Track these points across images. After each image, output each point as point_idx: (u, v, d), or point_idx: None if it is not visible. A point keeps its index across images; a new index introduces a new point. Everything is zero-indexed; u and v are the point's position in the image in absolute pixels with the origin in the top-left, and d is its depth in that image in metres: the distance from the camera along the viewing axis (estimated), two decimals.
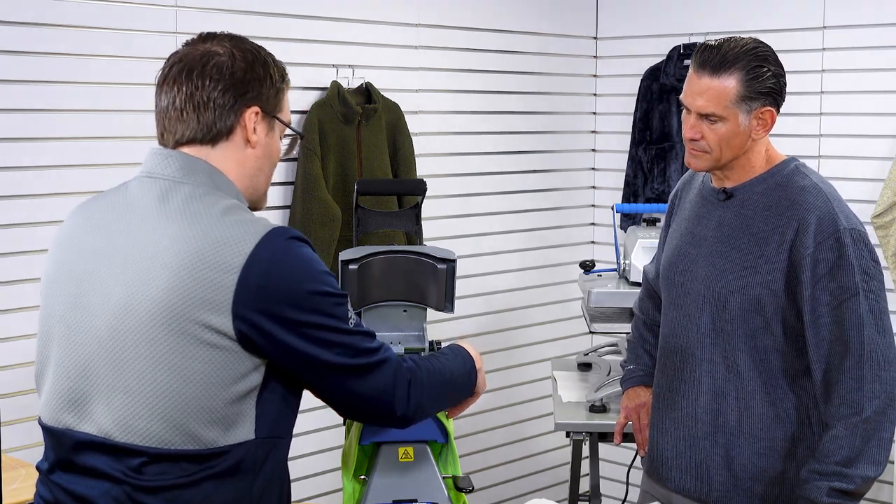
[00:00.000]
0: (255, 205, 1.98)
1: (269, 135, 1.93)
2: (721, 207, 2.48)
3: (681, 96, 2.44)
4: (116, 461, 1.80)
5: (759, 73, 2.35)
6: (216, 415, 1.78)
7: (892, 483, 3.99)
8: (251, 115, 1.89)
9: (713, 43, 2.40)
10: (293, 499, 4.03)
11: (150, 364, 1.76)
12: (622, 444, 2.94)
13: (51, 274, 1.91)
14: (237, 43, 1.92)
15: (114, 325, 1.78)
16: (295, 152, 3.85)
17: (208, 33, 1.94)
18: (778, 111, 2.41)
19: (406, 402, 1.93)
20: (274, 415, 1.85)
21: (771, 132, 2.47)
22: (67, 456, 1.85)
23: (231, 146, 1.89)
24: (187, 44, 1.93)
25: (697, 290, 2.47)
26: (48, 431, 1.89)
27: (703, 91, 2.37)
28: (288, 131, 1.99)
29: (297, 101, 3.87)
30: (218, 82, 1.87)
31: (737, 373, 2.42)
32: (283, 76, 1.96)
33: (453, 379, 2.09)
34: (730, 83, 2.35)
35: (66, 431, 1.84)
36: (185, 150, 1.88)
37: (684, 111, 2.44)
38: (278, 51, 4.04)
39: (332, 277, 1.86)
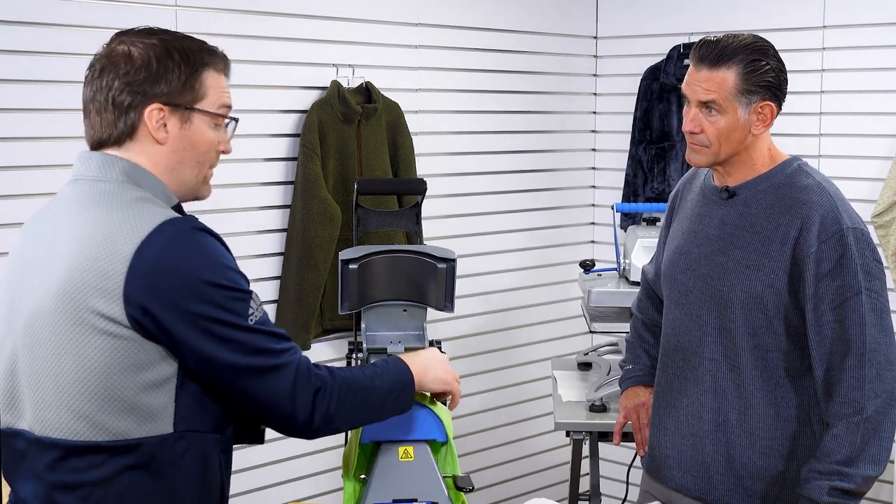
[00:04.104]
0: (194, 196, 1.94)
1: (184, 127, 1.87)
2: (724, 206, 2.47)
3: (682, 86, 2.45)
4: (38, 457, 1.81)
5: (757, 66, 2.36)
6: (126, 404, 1.76)
7: (892, 483, 3.99)
8: (152, 112, 1.85)
9: (712, 38, 2.41)
10: (293, 498, 4.04)
11: (55, 355, 1.77)
12: (622, 443, 2.94)
13: (1, 285, 1.95)
14: (142, 38, 1.88)
15: (30, 321, 1.81)
16: (296, 152, 3.85)
17: (123, 31, 1.91)
18: (779, 107, 2.41)
19: (309, 410, 1.86)
20: (194, 408, 1.82)
21: (772, 132, 2.47)
22: (11, 455, 1.87)
23: (139, 144, 1.87)
24: (104, 44, 1.91)
25: (700, 289, 2.47)
26: None
27: (702, 81, 2.38)
28: (222, 117, 1.92)
29: (298, 100, 3.87)
30: (114, 81, 1.84)
31: (738, 371, 2.42)
32: (198, 65, 1.88)
33: (378, 392, 2.00)
34: (729, 76, 2.36)
35: (7, 430, 1.87)
36: (105, 150, 1.88)
37: (685, 106, 2.44)
38: (278, 51, 4.06)
39: (238, 274, 1.82)
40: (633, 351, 2.85)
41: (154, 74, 1.84)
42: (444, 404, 2.44)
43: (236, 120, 1.96)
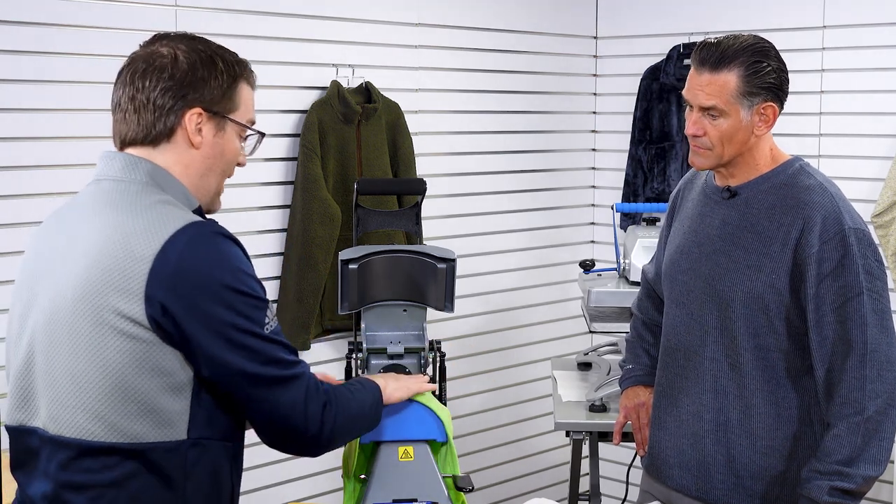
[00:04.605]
0: (208, 206, 1.97)
1: (218, 135, 1.90)
2: (725, 206, 2.47)
3: (683, 92, 2.45)
4: (51, 456, 1.81)
5: (758, 67, 2.35)
6: (142, 407, 1.76)
7: (892, 483, 3.99)
8: (192, 117, 1.87)
9: (712, 40, 2.41)
10: (293, 498, 4.04)
11: (72, 354, 1.78)
12: (622, 443, 2.94)
13: (17, 282, 1.95)
14: (185, 43, 1.90)
15: (47, 320, 1.81)
16: (296, 152, 3.85)
17: (163, 34, 1.94)
18: (781, 107, 2.41)
19: (320, 422, 1.89)
20: (209, 416, 1.82)
21: (772, 132, 2.47)
22: (21, 454, 1.88)
23: (174, 147, 1.88)
24: (142, 44, 1.93)
25: (700, 289, 2.47)
26: (8, 430, 1.91)
27: (704, 85, 2.38)
28: (250, 130, 1.96)
29: (298, 100, 3.87)
30: (158, 83, 1.86)
31: (739, 371, 2.42)
32: (237, 76, 1.92)
33: (364, 409, 2.08)
34: (730, 79, 2.35)
35: (19, 428, 1.87)
36: (130, 150, 1.89)
37: (687, 108, 2.44)
38: (278, 51, 4.05)
39: (256, 282, 1.83)
40: (633, 351, 2.85)
41: (198, 80, 1.87)
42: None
43: (263, 134, 1.99)
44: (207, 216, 1.94)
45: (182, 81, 1.86)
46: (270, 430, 1.90)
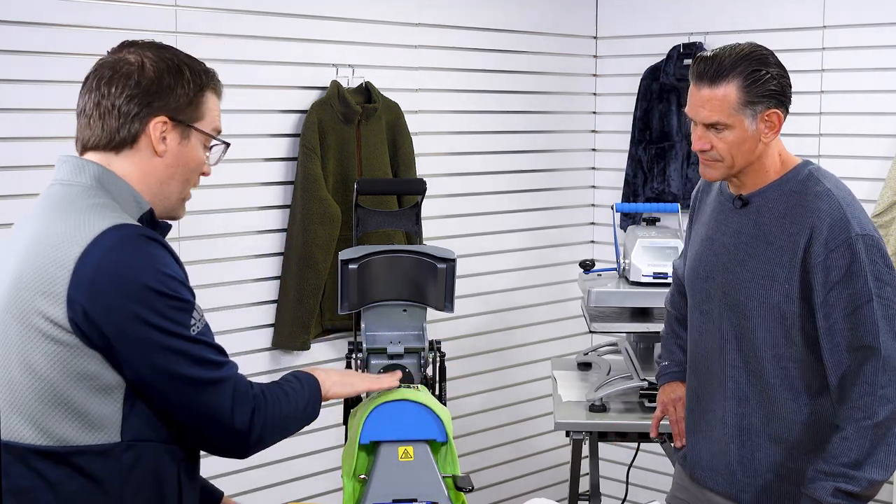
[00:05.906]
0: (170, 214, 1.95)
1: (182, 143, 1.90)
2: (738, 214, 2.47)
3: (685, 109, 2.44)
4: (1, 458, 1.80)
5: (757, 76, 2.34)
6: (71, 411, 1.75)
7: (892, 483, 3.99)
8: (157, 125, 1.87)
9: (708, 53, 2.39)
10: (293, 498, 4.03)
11: (6, 357, 1.78)
12: (621, 444, 2.94)
13: None
14: (153, 51, 1.90)
15: None
16: (296, 152, 3.85)
17: (131, 41, 1.94)
18: (786, 112, 2.40)
19: (248, 426, 1.85)
20: (146, 418, 1.80)
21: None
22: None
23: (137, 154, 1.88)
24: (109, 51, 1.93)
25: (718, 298, 2.48)
26: None
27: (704, 102, 2.36)
28: (215, 139, 1.96)
29: (298, 100, 3.87)
30: (123, 90, 1.86)
31: (759, 378, 2.43)
32: (203, 85, 1.92)
33: (298, 408, 2.00)
34: (730, 91, 2.34)
35: None
36: (90, 154, 1.89)
37: (691, 123, 2.43)
38: (278, 51, 4.05)
39: (180, 284, 1.80)
40: (668, 347, 2.86)
41: (165, 87, 1.87)
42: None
43: (227, 144, 1.98)
44: (174, 220, 1.95)
45: (148, 89, 1.86)
46: (197, 433, 1.86)
